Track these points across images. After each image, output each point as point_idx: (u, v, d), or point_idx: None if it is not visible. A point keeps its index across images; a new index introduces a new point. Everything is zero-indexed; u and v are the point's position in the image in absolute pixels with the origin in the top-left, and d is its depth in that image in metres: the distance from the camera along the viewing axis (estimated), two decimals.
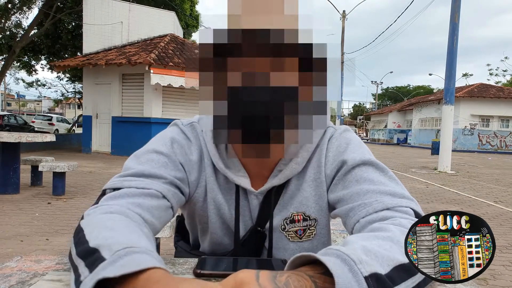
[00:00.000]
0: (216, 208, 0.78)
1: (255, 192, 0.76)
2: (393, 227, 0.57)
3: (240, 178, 0.75)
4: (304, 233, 0.79)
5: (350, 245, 0.50)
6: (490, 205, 5.59)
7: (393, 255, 0.49)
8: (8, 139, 4.52)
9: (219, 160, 0.75)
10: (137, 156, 0.73)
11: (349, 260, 0.44)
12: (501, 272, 2.84)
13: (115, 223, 0.55)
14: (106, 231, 0.52)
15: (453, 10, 9.92)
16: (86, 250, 0.49)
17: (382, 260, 0.48)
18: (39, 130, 19.89)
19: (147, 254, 0.47)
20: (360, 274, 0.43)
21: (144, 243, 0.50)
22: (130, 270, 0.43)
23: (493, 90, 26.79)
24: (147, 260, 0.45)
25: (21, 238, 3.22)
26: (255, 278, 0.40)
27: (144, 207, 0.64)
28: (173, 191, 0.70)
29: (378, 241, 0.52)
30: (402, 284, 0.47)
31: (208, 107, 0.61)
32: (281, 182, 0.75)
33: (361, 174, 0.71)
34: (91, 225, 0.55)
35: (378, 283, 0.44)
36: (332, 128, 0.80)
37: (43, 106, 58.75)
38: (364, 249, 0.48)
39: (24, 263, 0.64)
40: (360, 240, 0.52)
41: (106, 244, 0.48)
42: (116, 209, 0.60)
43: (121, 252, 0.46)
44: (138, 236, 0.52)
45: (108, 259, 0.45)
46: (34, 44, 15.25)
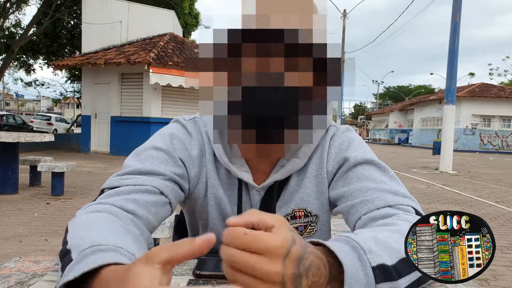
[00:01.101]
0: (217, 204, 0.79)
1: (257, 187, 0.77)
2: (401, 222, 0.58)
3: (243, 172, 0.75)
4: (305, 230, 0.79)
5: (361, 234, 0.51)
6: (491, 206, 5.59)
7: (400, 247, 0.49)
8: (7, 139, 4.51)
9: (223, 154, 0.75)
10: (137, 153, 0.73)
11: (359, 248, 0.46)
12: (503, 273, 2.84)
13: (95, 222, 0.55)
14: (83, 231, 0.52)
15: (454, 9, 9.92)
16: (63, 252, 0.49)
17: (390, 251, 0.49)
18: (38, 130, 19.87)
19: (115, 251, 0.46)
20: (369, 264, 0.44)
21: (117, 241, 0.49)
22: (87, 268, 0.42)
23: (495, 90, 26.81)
24: (108, 257, 0.44)
25: (20, 238, 3.22)
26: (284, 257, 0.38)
27: (140, 202, 0.64)
28: (171, 187, 0.70)
29: (387, 232, 0.53)
30: (407, 276, 0.48)
31: (208, 107, 0.61)
32: (283, 177, 0.76)
33: (363, 172, 0.71)
34: (74, 225, 0.55)
35: (384, 274, 0.45)
36: (334, 127, 0.80)
37: (41, 105, 58.70)
38: (374, 239, 0.49)
39: (22, 264, 0.64)
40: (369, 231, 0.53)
41: (77, 245, 0.48)
42: (104, 207, 0.60)
43: (87, 251, 0.45)
44: (113, 235, 0.51)
45: (74, 260, 0.45)
46: (32, 44, 15.24)
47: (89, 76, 11.12)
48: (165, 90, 10.48)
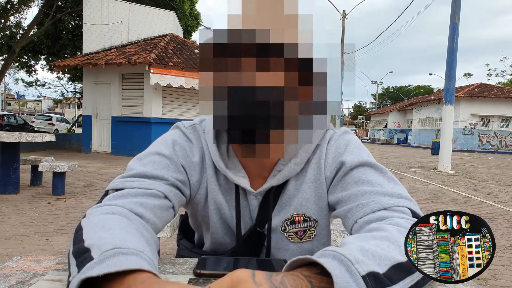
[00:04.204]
0: (217, 208, 0.79)
1: (254, 193, 0.77)
2: (390, 227, 0.58)
3: (240, 178, 0.76)
4: (305, 234, 0.79)
5: (347, 245, 0.50)
6: (490, 205, 5.59)
7: (391, 254, 0.49)
8: (8, 139, 4.52)
9: (220, 160, 0.75)
10: (140, 158, 0.74)
11: (346, 261, 0.45)
12: (502, 272, 2.84)
13: (113, 224, 0.55)
14: (102, 231, 0.52)
15: (453, 10, 9.92)
16: (79, 249, 0.50)
17: (379, 259, 0.48)
18: (39, 130, 19.89)
19: (136, 255, 0.47)
20: (358, 274, 0.44)
21: (138, 245, 0.50)
22: (112, 269, 0.43)
23: (493, 90, 26.77)
24: (133, 261, 0.45)
25: (21, 238, 3.22)
26: (251, 277, 0.41)
27: (147, 206, 0.64)
28: (174, 192, 0.71)
29: (375, 241, 0.53)
30: (400, 282, 0.48)
31: (208, 107, 0.62)
32: (280, 182, 0.76)
33: (359, 175, 0.71)
34: (90, 224, 0.56)
35: (376, 282, 0.45)
36: (332, 130, 0.80)
37: (43, 106, 58.74)
38: (361, 249, 0.49)
39: (24, 263, 0.64)
40: (357, 240, 0.53)
41: (97, 244, 0.48)
42: (118, 210, 0.61)
43: (109, 252, 0.46)
44: (133, 238, 0.52)
45: (95, 259, 0.45)
46: (34, 44, 15.25)
47: (90, 77, 11.13)
48: (165, 91, 10.49)
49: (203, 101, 0.62)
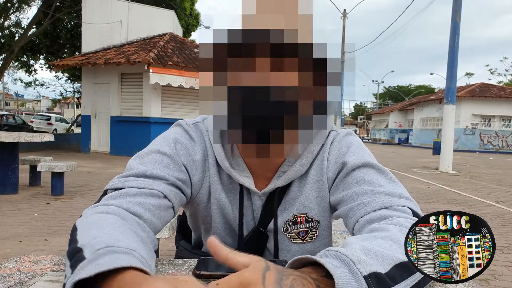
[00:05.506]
0: (220, 208, 0.79)
1: (258, 193, 0.77)
2: (392, 227, 0.58)
3: (244, 178, 0.76)
4: (307, 235, 0.79)
5: (349, 245, 0.50)
6: (491, 206, 5.59)
7: (393, 254, 0.49)
8: (7, 139, 4.51)
9: (225, 160, 0.75)
10: (140, 156, 0.73)
11: (348, 261, 0.45)
12: (503, 273, 2.84)
13: (107, 223, 0.55)
14: (95, 231, 0.52)
15: (454, 9, 9.92)
16: (73, 250, 0.49)
17: (382, 259, 0.48)
18: (38, 130, 19.87)
19: (127, 254, 0.46)
20: (360, 274, 0.44)
21: (131, 244, 0.50)
22: (102, 268, 0.42)
23: (495, 90, 26.79)
24: (123, 260, 0.44)
25: (20, 238, 3.22)
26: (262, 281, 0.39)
27: (145, 206, 0.64)
28: (174, 192, 0.71)
29: (377, 240, 0.53)
30: (403, 282, 0.48)
31: (208, 107, 0.61)
32: (285, 183, 0.76)
33: (361, 176, 0.72)
34: (84, 224, 0.55)
35: (378, 282, 0.45)
36: (335, 131, 0.81)
37: (41, 105, 58.69)
38: (363, 249, 0.48)
39: (22, 264, 0.64)
40: (360, 240, 0.53)
41: (90, 244, 0.48)
42: (113, 209, 0.60)
43: (101, 251, 0.46)
44: (125, 237, 0.52)
45: (87, 258, 0.45)
46: (32, 44, 15.23)
47: (89, 76, 11.12)
48: (165, 90, 10.48)
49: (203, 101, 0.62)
